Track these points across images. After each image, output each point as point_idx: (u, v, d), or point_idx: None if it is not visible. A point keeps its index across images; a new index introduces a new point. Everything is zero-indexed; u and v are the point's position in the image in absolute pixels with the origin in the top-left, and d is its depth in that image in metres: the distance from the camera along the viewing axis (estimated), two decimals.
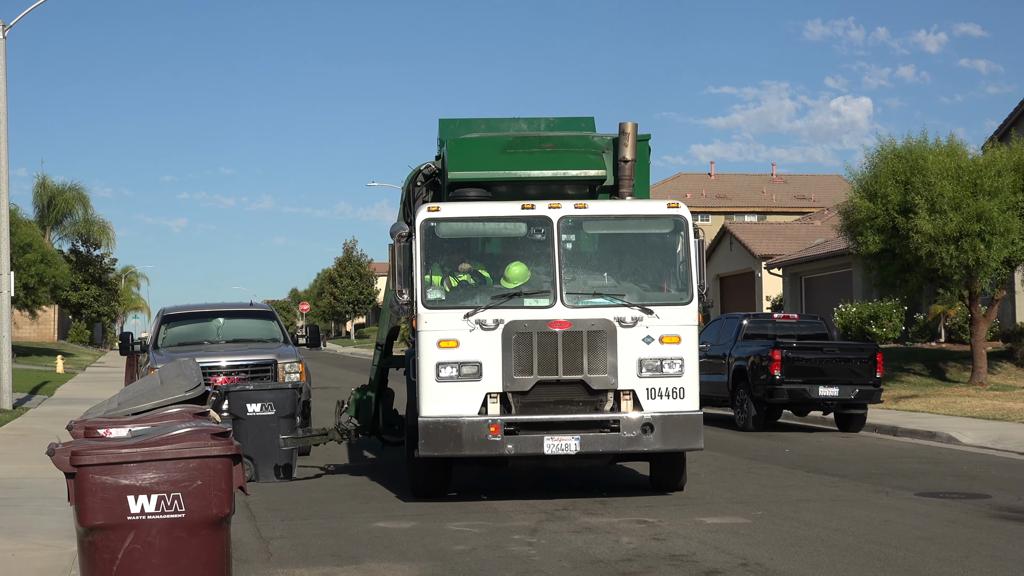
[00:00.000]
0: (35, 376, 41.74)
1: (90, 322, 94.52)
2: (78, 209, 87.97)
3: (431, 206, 14.74)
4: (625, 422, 14.25)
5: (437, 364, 14.25)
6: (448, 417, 14.14)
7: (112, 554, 7.43)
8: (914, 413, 27.45)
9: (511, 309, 14.37)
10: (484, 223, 15.06)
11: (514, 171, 15.69)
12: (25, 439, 21.40)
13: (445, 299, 14.58)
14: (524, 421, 14.25)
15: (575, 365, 14.26)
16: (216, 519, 7.57)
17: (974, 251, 31.32)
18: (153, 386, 9.15)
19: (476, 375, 14.26)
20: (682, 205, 14.96)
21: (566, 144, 16.18)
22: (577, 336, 14.26)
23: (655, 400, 14.35)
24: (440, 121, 17.17)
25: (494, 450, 14.11)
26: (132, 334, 24.01)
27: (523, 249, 14.86)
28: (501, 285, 14.70)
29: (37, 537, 11.89)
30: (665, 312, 14.51)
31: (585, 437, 14.18)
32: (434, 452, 14.20)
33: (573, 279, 14.60)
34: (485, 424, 14.10)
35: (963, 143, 34.38)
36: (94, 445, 7.61)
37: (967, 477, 17.16)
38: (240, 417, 17.08)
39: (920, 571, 10.79)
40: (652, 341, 14.38)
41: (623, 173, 15.44)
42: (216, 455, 7.56)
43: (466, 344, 14.27)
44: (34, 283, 58.48)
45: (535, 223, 14.68)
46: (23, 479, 16.21)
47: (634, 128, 15.38)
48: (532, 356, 14.22)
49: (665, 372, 14.40)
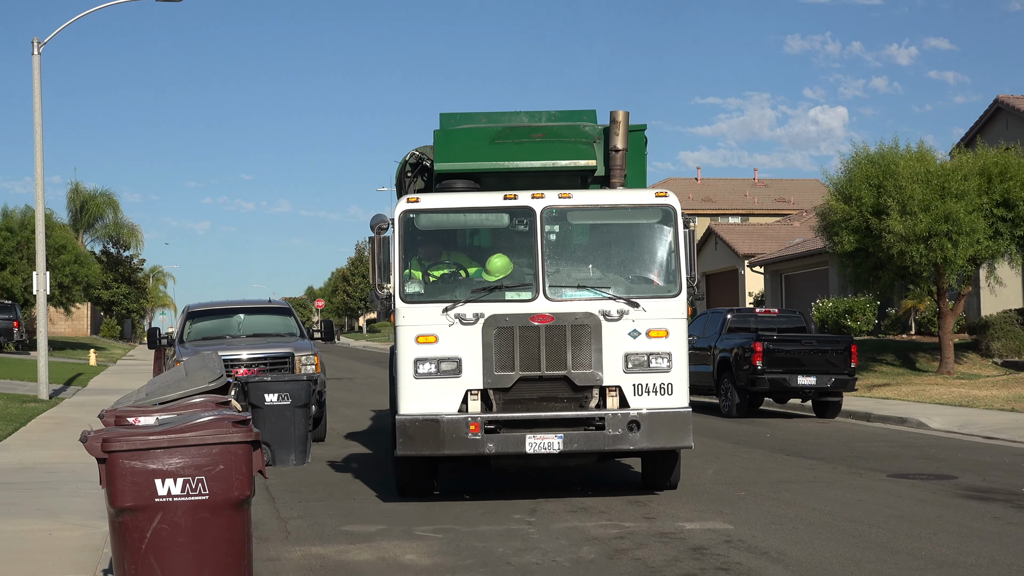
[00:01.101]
0: (70, 368, 41.74)
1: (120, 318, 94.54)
2: (109, 213, 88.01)
3: (410, 197, 13.46)
4: (610, 419, 12.82)
5: (415, 360, 12.94)
6: (427, 415, 12.79)
7: (141, 533, 7.44)
8: (886, 400, 27.45)
9: (492, 303, 13.03)
10: (465, 214, 13.81)
11: (502, 162, 14.34)
12: (61, 427, 21.40)
13: (424, 293, 13.28)
14: (505, 419, 12.87)
15: (558, 360, 12.88)
16: (237, 501, 7.58)
17: (942, 250, 31.31)
18: (179, 377, 9.17)
19: (456, 371, 12.91)
20: (670, 194, 13.59)
21: (556, 134, 14.73)
22: (560, 330, 12.89)
23: (642, 396, 12.96)
24: (441, 116, 15.67)
25: (474, 449, 12.75)
26: (159, 329, 23.97)
27: (506, 241, 13.61)
28: (483, 278, 13.40)
29: (72, 518, 11.90)
30: (652, 305, 13.10)
31: (568, 435, 12.79)
32: (412, 451, 12.87)
33: (557, 271, 13.24)
34: (465, 422, 12.72)
35: (932, 149, 34.43)
36: (124, 432, 7.62)
37: (935, 460, 17.16)
38: (259, 406, 17.10)
39: (891, 547, 10.80)
40: (639, 335, 13.01)
41: (614, 163, 14.18)
42: (237, 441, 7.57)
43: (445, 339, 12.95)
44: (68, 282, 58.48)
45: (518, 214, 13.34)
46: (59, 464, 16.23)
47: (625, 117, 14.12)
48: (513, 351, 12.85)
49: (652, 367, 13.00)
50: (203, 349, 19.87)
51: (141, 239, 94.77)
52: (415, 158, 15.55)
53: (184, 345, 22.01)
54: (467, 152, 14.43)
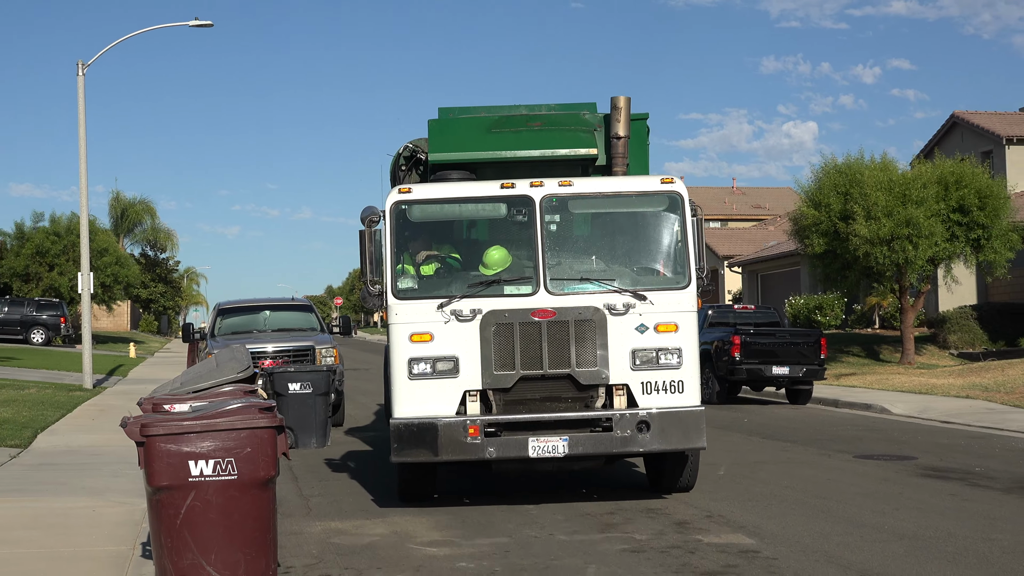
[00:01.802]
0: (111, 360, 41.77)
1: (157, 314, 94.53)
2: (147, 219, 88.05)
3: (402, 187, 11.76)
4: (618, 420, 11.11)
5: (410, 360, 11.24)
6: (422, 418, 11.11)
7: (176, 510, 7.45)
8: (852, 388, 27.44)
9: (490, 298, 11.29)
10: (460, 205, 11.97)
11: (499, 151, 12.70)
12: (103, 413, 21.42)
13: (418, 288, 11.51)
14: (506, 421, 11.19)
15: (562, 358, 11.20)
16: (263, 480, 7.59)
17: (903, 251, 31.36)
18: (210, 368, 9.17)
19: (453, 371, 11.21)
20: (677, 180, 11.81)
21: (555, 122, 13.07)
22: (563, 326, 11.20)
23: (651, 395, 11.26)
24: (439, 110, 13.88)
25: (474, 454, 11.10)
26: (193, 324, 23.99)
27: (503, 232, 11.84)
28: (480, 272, 11.60)
29: (113, 496, 11.91)
30: (660, 297, 11.40)
31: (574, 437, 11.13)
32: (408, 457, 11.17)
33: (558, 264, 11.52)
34: (463, 425, 11.04)
35: (894, 160, 34.59)
36: (160, 418, 7.63)
37: (897, 442, 17.16)
38: (283, 394, 17.11)
39: (857, 521, 10.80)
40: (646, 330, 11.29)
41: (616, 151, 12.53)
42: (263, 426, 7.58)
43: (441, 337, 11.23)
44: (110, 282, 58.59)
45: (516, 203, 11.58)
46: (101, 447, 16.24)
47: (627, 102, 12.50)
48: (514, 349, 11.16)
49: (661, 364, 11.30)
50: (232, 342, 19.89)
51: (176, 243, 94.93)
52: (409, 151, 13.93)
53: (215, 339, 22.04)
54: (463, 142, 12.88)
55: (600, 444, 11.22)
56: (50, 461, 14.84)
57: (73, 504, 11.46)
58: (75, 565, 8.60)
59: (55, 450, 16.07)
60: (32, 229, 61.97)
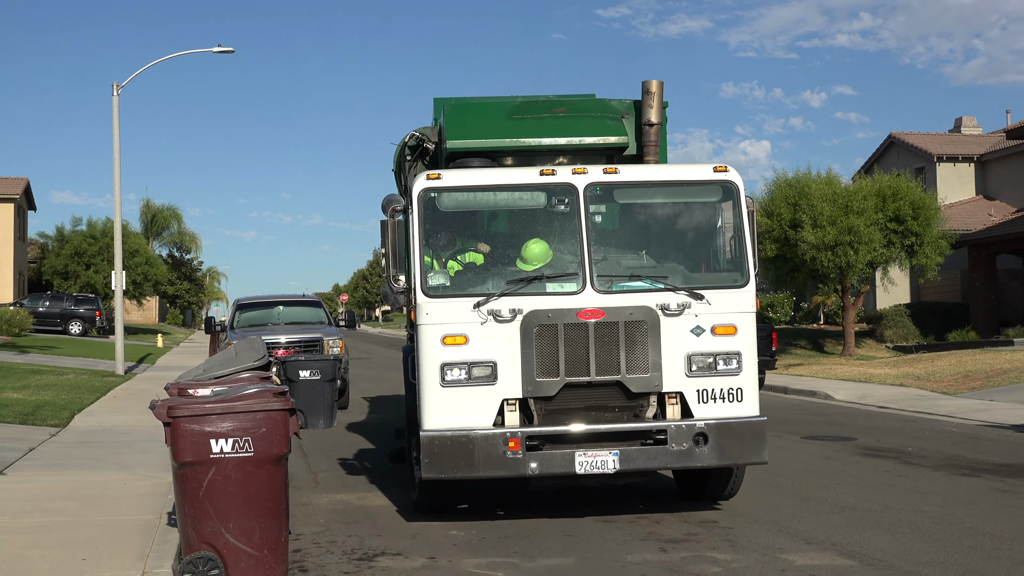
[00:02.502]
0: (141, 349, 41.63)
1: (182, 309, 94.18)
2: (174, 224, 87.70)
3: (431, 173, 9.48)
4: (673, 432, 9.03)
5: (442, 365, 9.06)
6: (457, 430, 8.95)
7: (199, 483, 7.43)
8: (800, 377, 27.47)
9: (531, 296, 9.11)
10: (495, 193, 9.64)
11: (522, 139, 10.57)
12: (133, 397, 21.35)
13: (450, 285, 9.31)
14: (550, 434, 9.04)
15: (610, 363, 9.04)
16: (277, 457, 7.57)
17: (846, 256, 31.47)
18: (230, 357, 9.14)
19: (490, 378, 9.05)
20: (731, 169, 9.60)
21: (580, 108, 10.96)
22: (612, 328, 9.04)
23: (707, 404, 9.22)
24: (435, 100, 11.94)
25: (514, 470, 8.93)
26: (214, 318, 23.92)
27: (543, 224, 9.50)
28: (517, 268, 9.36)
29: (142, 470, 11.88)
30: (717, 297, 9.33)
31: (625, 452, 9.02)
32: (441, 474, 8.99)
33: (604, 259, 9.34)
34: (502, 438, 8.90)
35: (838, 175, 34.73)
36: (185, 401, 7.61)
37: (839, 425, 17.19)
38: (295, 380, 17.10)
39: (804, 495, 10.82)
40: (703, 332, 9.26)
41: (648, 139, 10.48)
42: (277, 409, 7.56)
43: (477, 340, 9.06)
44: (140, 279, 58.46)
45: (557, 192, 9.37)
46: (132, 427, 16.19)
47: (660, 87, 10.48)
48: (558, 353, 9.01)
49: (719, 370, 9.26)
50: (249, 334, 19.88)
51: (200, 245, 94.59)
52: (415, 140, 11.83)
53: (234, 331, 21.99)
54: (482, 128, 10.72)
55: (654, 459, 9.11)
56: (86, 439, 14.79)
57: (107, 478, 11.42)
58: (108, 532, 8.59)
59: (90, 429, 16.01)
60: (71, 232, 61.91)
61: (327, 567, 8.16)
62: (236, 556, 7.42)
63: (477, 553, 8.49)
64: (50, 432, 15.39)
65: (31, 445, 13.86)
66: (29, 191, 59.18)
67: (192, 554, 7.37)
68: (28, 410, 17.29)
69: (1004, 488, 11.31)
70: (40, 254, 63.96)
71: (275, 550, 7.56)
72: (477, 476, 9.01)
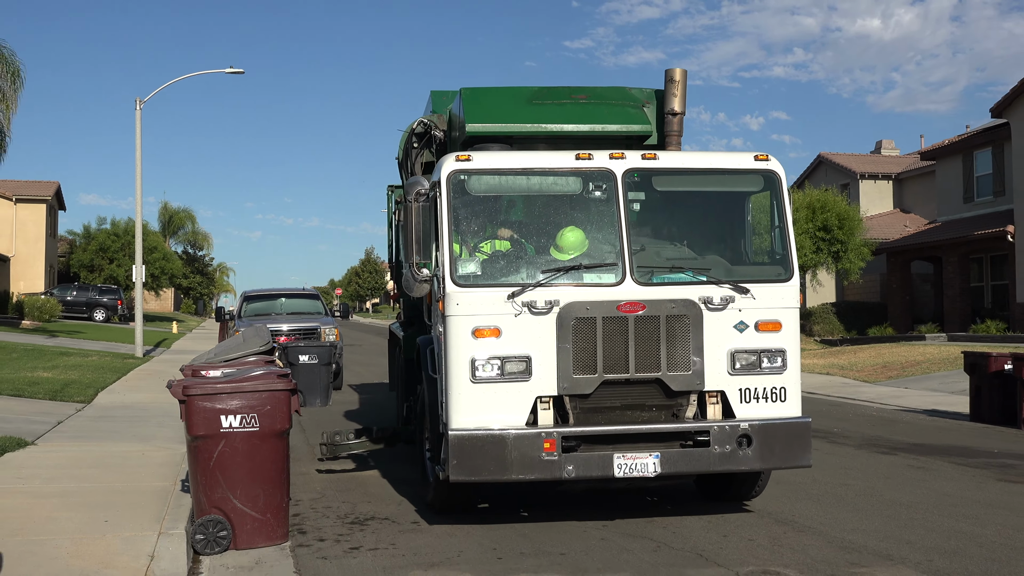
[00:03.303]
0: (158, 335, 41.33)
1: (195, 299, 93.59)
2: (188, 224, 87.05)
3: (460, 155, 7.98)
4: (716, 433, 7.70)
5: (473, 360, 7.58)
6: (489, 430, 7.50)
7: (210, 454, 7.37)
8: None
9: (567, 287, 7.71)
10: (527, 177, 8.08)
11: (544, 124, 9.00)
12: (151, 377, 21.18)
13: (482, 274, 7.78)
14: (588, 434, 7.63)
15: (650, 359, 7.70)
16: (279, 432, 7.52)
17: None
18: (238, 343, 9.08)
19: (524, 373, 7.61)
20: (772, 158, 8.35)
21: (601, 96, 9.41)
22: (653, 322, 7.69)
23: (750, 404, 7.91)
24: (432, 93, 10.61)
25: (549, 472, 7.51)
26: (223, 308, 23.87)
27: (578, 211, 8.02)
28: (552, 256, 7.92)
29: (159, 442, 11.77)
30: (761, 291, 7.97)
31: (666, 454, 7.66)
32: (471, 476, 7.52)
33: (642, 249, 7.98)
34: (538, 439, 7.48)
35: None
36: (198, 381, 7.55)
37: None
38: (295, 364, 16.99)
39: None
40: (746, 328, 7.90)
41: (671, 128, 8.99)
42: (279, 389, 7.51)
43: (511, 333, 7.62)
44: (158, 273, 58.32)
45: (593, 177, 7.97)
46: (149, 404, 16.05)
47: (683, 75, 8.99)
48: (595, 348, 7.63)
49: (763, 368, 7.93)
50: (255, 323, 19.77)
51: (211, 243, 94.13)
52: (423, 127, 10.21)
53: (241, 319, 21.86)
54: (503, 113, 9.11)
55: (695, 462, 7.74)
56: (108, 414, 14.64)
57: (127, 448, 11.30)
58: (128, 497, 8.49)
59: (112, 405, 15.85)
60: (97, 230, 61.67)
61: (323, 529, 8.09)
62: (242, 519, 7.36)
63: (461, 520, 8.43)
64: (76, 408, 15.23)
65: (59, 419, 13.71)
66: (60, 193, 58.69)
67: (203, 517, 7.31)
68: (57, 388, 17.13)
69: (918, 465, 11.37)
70: (68, 249, 63.47)
71: (277, 514, 7.51)
72: (509, 479, 7.54)
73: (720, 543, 7.53)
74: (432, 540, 7.69)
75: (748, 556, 7.16)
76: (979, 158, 34.61)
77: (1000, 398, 15.46)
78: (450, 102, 10.07)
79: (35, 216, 54.49)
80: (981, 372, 15.75)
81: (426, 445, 8.77)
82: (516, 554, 7.24)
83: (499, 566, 6.91)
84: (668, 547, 7.40)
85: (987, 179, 34.19)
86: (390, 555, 7.26)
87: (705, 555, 7.19)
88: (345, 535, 7.89)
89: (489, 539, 7.69)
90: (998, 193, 33.49)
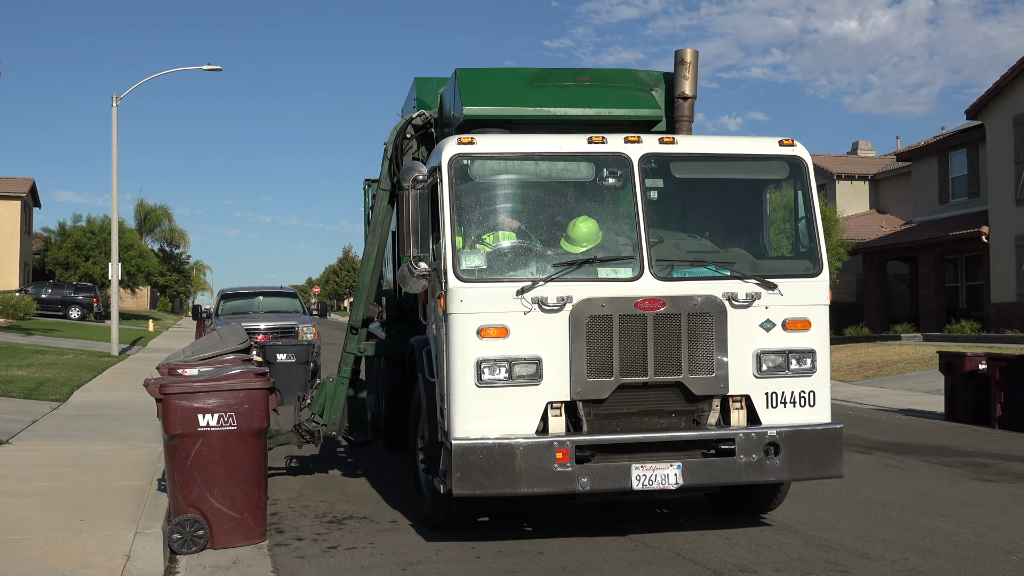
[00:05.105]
0: (134, 333, 41.08)
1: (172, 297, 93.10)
2: (165, 221, 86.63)
3: (462, 137, 7.22)
4: (742, 441, 7.06)
5: (478, 362, 6.86)
6: (496, 439, 6.81)
7: (187, 453, 7.34)
8: None
9: (581, 282, 7.01)
10: (536, 162, 7.34)
11: (547, 108, 8.15)
12: (128, 375, 21.05)
13: (487, 268, 7.04)
14: (604, 443, 6.97)
15: (671, 361, 7.02)
16: (257, 430, 7.50)
17: None
18: (215, 341, 9.04)
19: (535, 377, 6.92)
20: (798, 144, 7.68)
21: (606, 79, 8.53)
22: (674, 320, 7.02)
23: (776, 409, 7.25)
24: (416, 80, 9.89)
25: (562, 485, 6.83)
26: (200, 306, 23.74)
27: (591, 199, 7.37)
28: (563, 248, 7.19)
29: (136, 441, 11.70)
30: (789, 287, 7.35)
31: (688, 465, 7.00)
32: (476, 490, 6.81)
33: (661, 241, 7.30)
34: (550, 448, 6.79)
35: None
36: (175, 380, 7.51)
37: None
38: (272, 362, 16.93)
39: None
40: (773, 327, 7.27)
41: (681, 113, 8.19)
42: (257, 388, 7.49)
43: (519, 332, 6.92)
44: (134, 271, 58.06)
45: (607, 163, 7.28)
46: (126, 402, 15.95)
47: (695, 56, 8.20)
48: (611, 349, 6.96)
49: (792, 370, 7.28)
50: (232, 321, 19.67)
51: (188, 241, 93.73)
52: (423, 119, 9.24)
53: (219, 317, 21.79)
54: (503, 96, 8.22)
55: (720, 473, 7.08)
56: (84, 413, 14.54)
57: (103, 447, 11.23)
58: (104, 496, 8.44)
59: (88, 404, 15.74)
60: (72, 227, 61.39)
61: (301, 528, 8.07)
62: (220, 518, 7.33)
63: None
64: (51, 406, 15.12)
65: (34, 418, 13.61)
66: (35, 190, 58.23)
67: (180, 516, 7.27)
68: (31, 386, 16.99)
69: (893, 464, 11.45)
70: (44, 247, 63.04)
71: (255, 513, 7.48)
72: (518, 493, 6.82)
73: (697, 541, 7.55)
74: (410, 539, 7.68)
75: (725, 554, 7.18)
76: (954, 159, 34.92)
77: (975, 398, 15.60)
78: (436, 89, 9.39)
79: (10, 213, 54.07)
80: (956, 372, 15.89)
81: (419, 456, 8.08)
82: (495, 553, 7.24)
83: (478, 565, 6.91)
84: (646, 546, 7.43)
85: (962, 180, 34.50)
86: (368, 554, 7.25)
87: (682, 553, 7.21)
88: (323, 534, 7.87)
89: (468, 538, 7.69)
90: (973, 194, 33.81)
